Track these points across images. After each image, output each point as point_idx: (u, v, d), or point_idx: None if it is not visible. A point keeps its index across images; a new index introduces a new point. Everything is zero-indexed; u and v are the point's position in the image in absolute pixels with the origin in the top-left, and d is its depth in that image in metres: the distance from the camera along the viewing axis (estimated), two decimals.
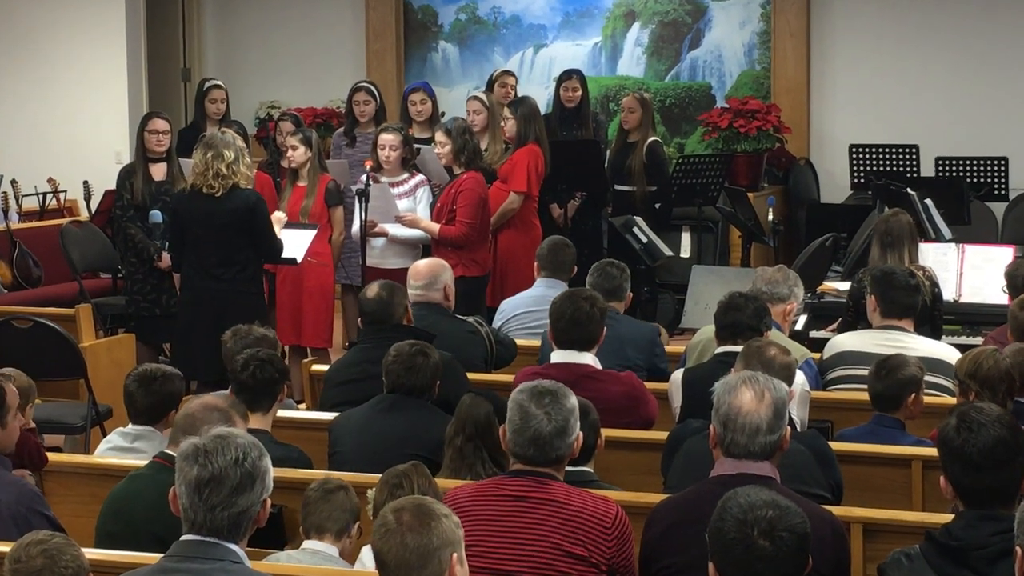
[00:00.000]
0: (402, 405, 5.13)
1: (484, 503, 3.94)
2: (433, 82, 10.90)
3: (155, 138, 8.49)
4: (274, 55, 12.97)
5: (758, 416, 3.79)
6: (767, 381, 3.88)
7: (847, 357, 5.98)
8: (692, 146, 11.99)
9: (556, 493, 3.92)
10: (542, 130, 8.94)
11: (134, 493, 4.37)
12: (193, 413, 4.36)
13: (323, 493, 4.18)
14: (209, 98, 9.85)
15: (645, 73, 12.24)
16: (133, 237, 8.39)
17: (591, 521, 3.87)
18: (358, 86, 9.60)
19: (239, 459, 3.29)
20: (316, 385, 6.50)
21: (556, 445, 3.95)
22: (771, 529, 3.17)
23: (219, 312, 7.27)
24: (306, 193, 8.45)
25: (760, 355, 4.76)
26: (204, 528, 3.29)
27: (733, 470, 3.81)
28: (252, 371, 5.00)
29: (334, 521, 4.13)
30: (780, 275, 6.16)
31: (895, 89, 11.62)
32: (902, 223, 6.87)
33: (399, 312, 5.93)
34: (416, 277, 6.51)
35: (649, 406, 5.58)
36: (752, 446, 3.80)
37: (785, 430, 3.85)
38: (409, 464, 4.21)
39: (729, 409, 3.82)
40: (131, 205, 8.45)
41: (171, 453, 4.25)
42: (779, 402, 3.83)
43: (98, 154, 11.78)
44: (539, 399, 3.97)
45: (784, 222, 10.72)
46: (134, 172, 8.49)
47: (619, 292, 6.42)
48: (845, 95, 11.78)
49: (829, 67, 11.81)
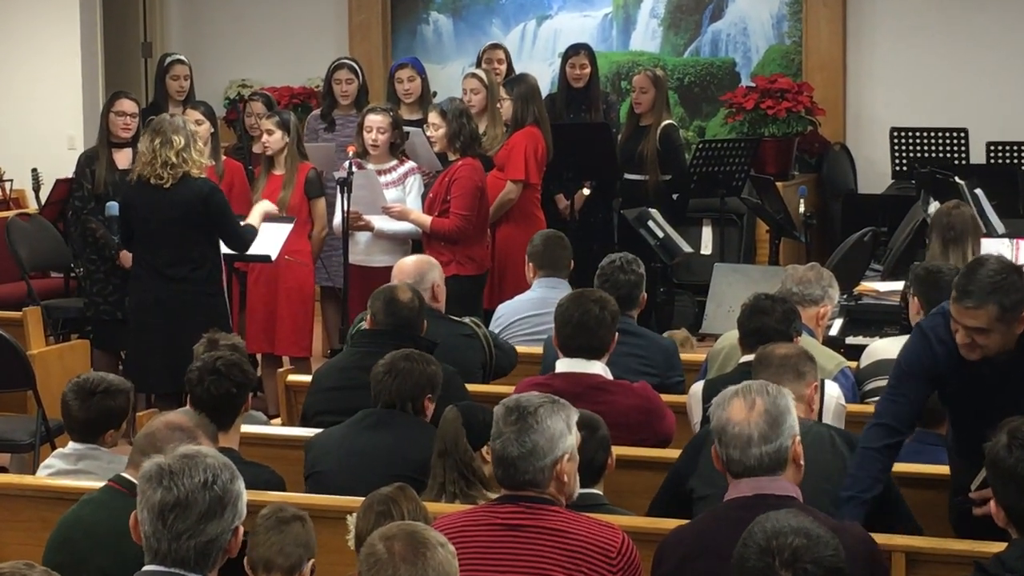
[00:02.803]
0: (388, 420, 5.14)
1: (474, 532, 3.95)
2: (423, 58, 10.90)
3: (121, 121, 8.49)
4: (245, 28, 12.97)
5: (748, 426, 3.86)
6: (761, 388, 3.95)
7: (887, 366, 5.97)
8: (714, 130, 12.00)
9: (554, 520, 3.92)
10: (542, 111, 8.95)
11: (84, 521, 4.34)
12: (155, 433, 4.35)
13: (275, 523, 4.12)
14: (170, 75, 9.76)
15: (661, 48, 12.24)
16: (94, 231, 8.38)
17: (593, 552, 3.87)
18: (339, 63, 9.61)
19: (208, 481, 3.30)
20: (293, 398, 6.51)
21: (522, 468, 3.95)
22: (795, 560, 3.19)
23: (172, 316, 7.29)
24: (283, 183, 8.45)
25: (766, 361, 4.77)
26: (168, 558, 3.30)
27: (749, 491, 3.84)
28: (207, 385, 4.98)
29: (285, 556, 4.02)
30: (812, 274, 6.18)
31: (942, 65, 11.62)
32: (965, 216, 6.90)
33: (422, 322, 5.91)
34: (402, 275, 6.51)
35: (665, 421, 5.59)
36: (747, 459, 3.85)
37: (791, 440, 3.89)
38: (395, 487, 4.21)
39: (718, 422, 3.91)
40: (92, 196, 8.44)
41: (128, 477, 4.27)
42: (773, 409, 3.89)
43: (48, 138, 11.79)
44: (507, 416, 3.99)
45: (817, 215, 10.73)
46: (96, 158, 8.49)
47: (632, 299, 6.40)
48: (885, 72, 11.79)
49: (867, 41, 11.82)
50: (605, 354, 5.54)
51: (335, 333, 8.79)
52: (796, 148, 11.46)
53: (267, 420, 6.46)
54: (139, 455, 4.24)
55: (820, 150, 11.71)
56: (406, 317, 5.86)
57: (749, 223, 10.87)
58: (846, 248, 8.38)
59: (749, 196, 10.29)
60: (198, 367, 5.04)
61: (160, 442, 4.24)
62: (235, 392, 5.00)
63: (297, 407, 6.34)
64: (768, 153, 11.17)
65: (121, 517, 3.89)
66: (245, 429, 5.42)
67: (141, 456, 4.19)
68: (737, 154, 10.30)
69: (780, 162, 11.28)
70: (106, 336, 8.41)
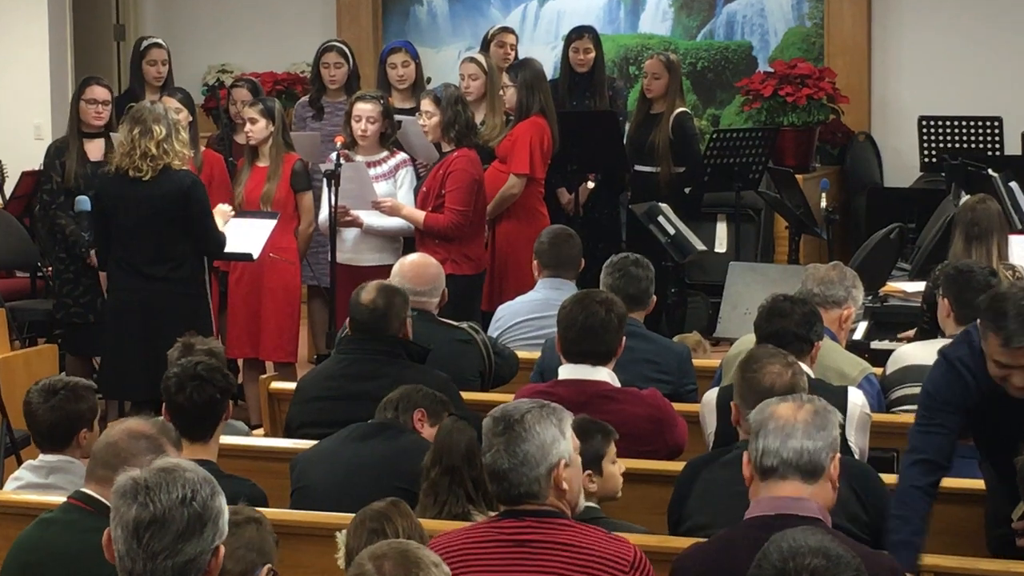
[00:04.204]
0: (378, 431, 5.15)
1: (477, 551, 3.96)
2: (417, 41, 10.92)
3: (93, 109, 8.49)
4: (225, 8, 12.99)
5: (793, 420, 3.90)
6: (812, 398, 4.01)
7: (915, 372, 5.98)
8: (729, 118, 12.01)
9: (564, 534, 3.94)
10: (548, 99, 8.95)
11: (43, 543, 4.26)
12: (116, 442, 4.29)
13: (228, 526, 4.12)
14: (147, 60, 9.76)
15: (672, 30, 12.25)
16: (63, 228, 8.38)
17: (606, 565, 3.89)
18: (327, 46, 9.61)
19: (187, 497, 3.30)
20: (277, 406, 6.51)
21: (514, 480, 3.97)
22: None
23: (151, 318, 7.30)
24: (268, 175, 8.45)
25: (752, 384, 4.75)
26: None
27: (772, 510, 3.84)
28: (190, 392, 4.98)
29: (235, 561, 4.00)
30: (835, 274, 6.18)
31: (974, 49, 11.61)
32: (991, 211, 6.90)
33: (396, 325, 5.90)
34: (416, 281, 6.48)
35: (677, 430, 5.60)
36: (784, 451, 3.87)
37: (831, 452, 3.91)
38: (387, 502, 4.22)
39: (760, 419, 3.95)
40: (61, 189, 8.44)
41: (89, 493, 4.23)
42: (822, 413, 3.93)
43: (13, 128, 11.79)
44: (495, 426, 4.01)
45: (840, 210, 10.74)
46: (66, 149, 8.50)
47: (643, 298, 6.41)
48: (914, 56, 11.79)
49: (894, 22, 11.82)
50: (612, 359, 5.54)
51: (322, 337, 8.79)
52: (817, 138, 11.47)
53: (249, 430, 6.47)
54: (100, 467, 4.22)
55: (843, 140, 11.72)
56: (362, 321, 5.88)
57: (767, 219, 10.88)
58: (871, 246, 8.38)
59: (767, 190, 10.29)
60: (176, 373, 5.04)
61: (124, 452, 4.21)
62: (219, 398, 5.01)
63: (281, 416, 6.34)
64: (787, 144, 11.17)
65: (88, 538, 3.91)
66: (225, 440, 5.43)
67: (102, 469, 4.19)
68: (754, 145, 10.30)
69: (800, 153, 11.28)
70: (78, 340, 8.42)
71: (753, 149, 10.29)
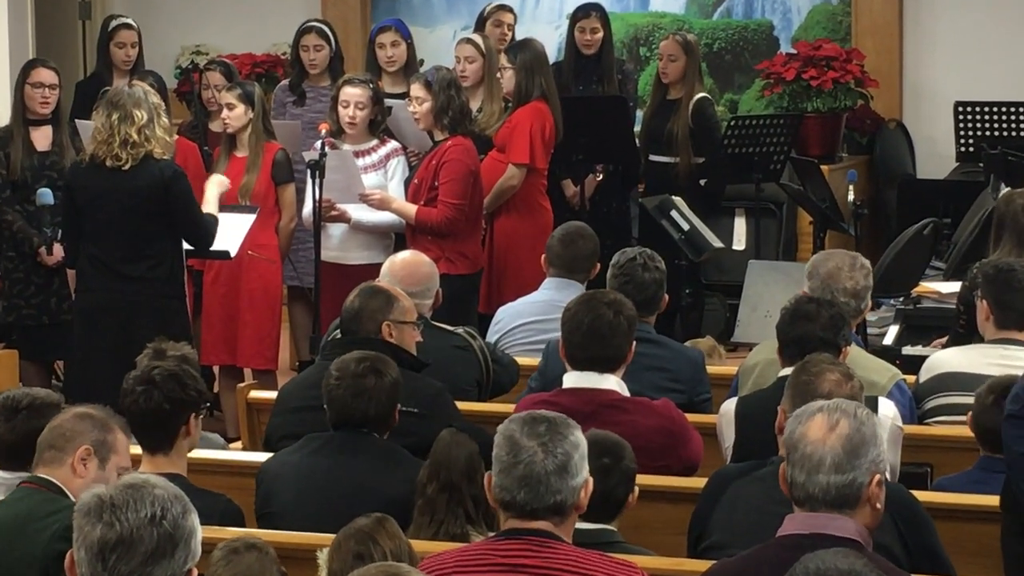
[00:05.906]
0: (351, 446, 5.14)
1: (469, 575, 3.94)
2: (409, 20, 10.90)
3: (38, 94, 8.49)
4: None
5: (822, 448, 3.86)
6: (850, 409, 3.94)
7: (951, 380, 5.99)
8: (748, 104, 12.02)
9: (561, 559, 3.92)
10: (550, 83, 8.96)
11: None
12: (60, 423, 4.54)
13: (226, 553, 4.16)
14: (116, 41, 9.84)
15: (687, 8, 12.25)
16: (11, 224, 8.41)
17: None
18: (305, 27, 9.63)
19: (156, 516, 3.30)
20: (255, 417, 6.52)
21: (554, 487, 3.94)
22: None
23: (125, 321, 7.30)
24: (247, 166, 8.46)
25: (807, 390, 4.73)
26: None
27: (805, 528, 3.84)
28: (136, 397, 4.98)
29: None
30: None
31: (1014, 30, 11.62)
32: None
33: (369, 325, 5.91)
34: (408, 281, 6.48)
35: (692, 445, 5.59)
36: (811, 486, 3.85)
37: (869, 478, 3.87)
38: (373, 519, 4.22)
39: (791, 438, 3.91)
40: (8, 183, 8.46)
41: (42, 476, 4.52)
42: (856, 436, 3.88)
43: None
44: (532, 427, 3.98)
45: (869, 203, 10.73)
46: (10, 139, 8.50)
47: (652, 304, 6.40)
48: (949, 38, 11.79)
49: (928, 0, 11.83)
50: (621, 366, 5.55)
51: (305, 342, 8.78)
52: (844, 126, 11.47)
53: (225, 443, 6.46)
54: (47, 449, 4.54)
55: (872, 128, 11.72)
56: (343, 319, 5.95)
57: (789, 213, 10.88)
58: (902, 243, 8.38)
59: (789, 182, 10.30)
60: (132, 377, 5.07)
61: (70, 432, 4.53)
62: (168, 409, 4.98)
63: (260, 428, 6.35)
64: (811, 132, 11.18)
65: (36, 513, 4.34)
66: (200, 454, 5.43)
67: (49, 451, 4.54)
68: (775, 133, 10.31)
69: (825, 142, 11.29)
70: (33, 344, 8.43)
71: (774, 138, 10.30)
